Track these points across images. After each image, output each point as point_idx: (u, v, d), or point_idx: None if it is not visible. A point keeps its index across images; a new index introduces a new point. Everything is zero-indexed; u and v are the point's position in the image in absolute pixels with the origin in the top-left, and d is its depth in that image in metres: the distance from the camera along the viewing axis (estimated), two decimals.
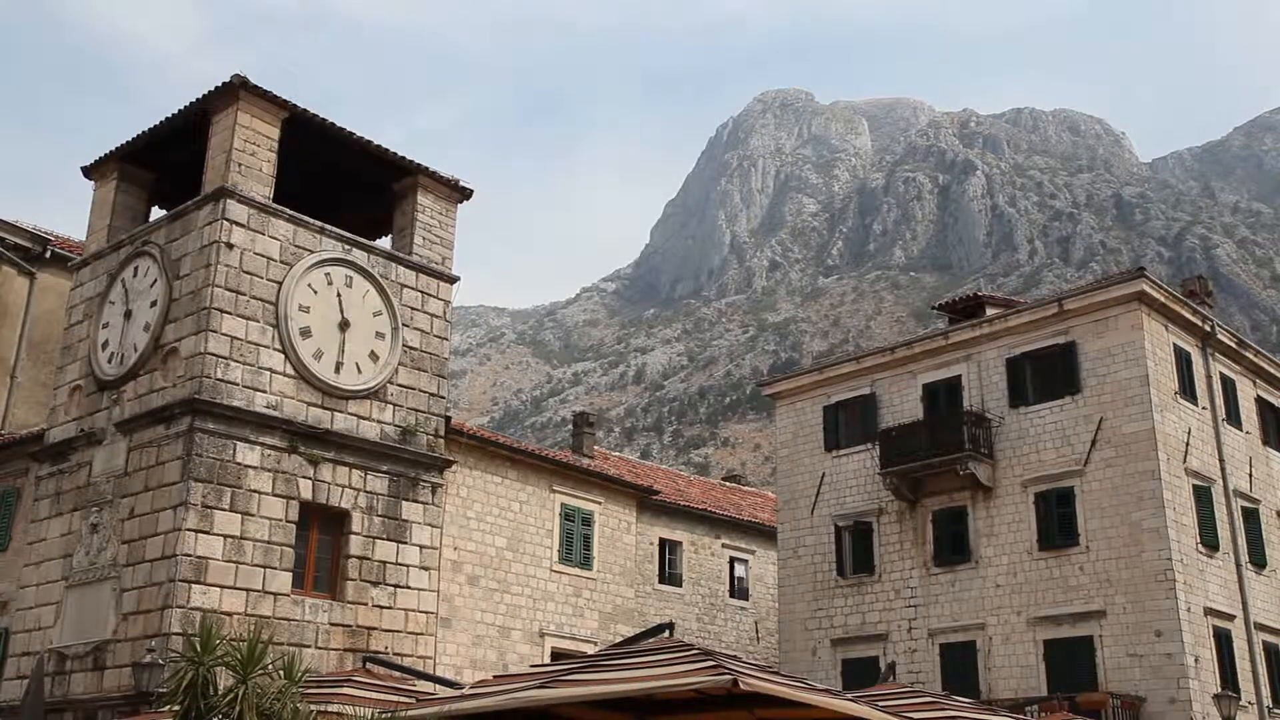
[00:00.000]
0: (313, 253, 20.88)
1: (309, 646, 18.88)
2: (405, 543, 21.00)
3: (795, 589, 28.27)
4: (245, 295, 19.68)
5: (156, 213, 23.13)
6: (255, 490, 18.99)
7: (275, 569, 18.92)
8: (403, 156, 22.72)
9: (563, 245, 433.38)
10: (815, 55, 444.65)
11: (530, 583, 24.85)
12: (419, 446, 21.69)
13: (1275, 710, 24.05)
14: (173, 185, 22.86)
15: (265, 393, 19.56)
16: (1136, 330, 23.99)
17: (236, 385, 19.20)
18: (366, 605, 20.08)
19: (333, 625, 19.52)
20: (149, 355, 19.97)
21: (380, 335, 21.62)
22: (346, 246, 21.54)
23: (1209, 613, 23.02)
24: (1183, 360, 25.10)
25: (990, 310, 27.42)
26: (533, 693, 7.95)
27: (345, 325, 21.05)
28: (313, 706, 10.77)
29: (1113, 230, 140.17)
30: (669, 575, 30.44)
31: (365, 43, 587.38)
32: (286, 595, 19.01)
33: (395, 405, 21.55)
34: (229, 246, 19.64)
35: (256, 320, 19.74)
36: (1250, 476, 26.37)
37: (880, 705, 9.62)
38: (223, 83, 20.38)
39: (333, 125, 21.47)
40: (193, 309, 19.48)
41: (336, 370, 20.68)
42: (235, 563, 18.45)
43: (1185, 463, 23.92)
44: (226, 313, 19.33)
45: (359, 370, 21.07)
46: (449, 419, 22.88)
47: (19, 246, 26.85)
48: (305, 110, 21.08)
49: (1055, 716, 20.57)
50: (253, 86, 20.30)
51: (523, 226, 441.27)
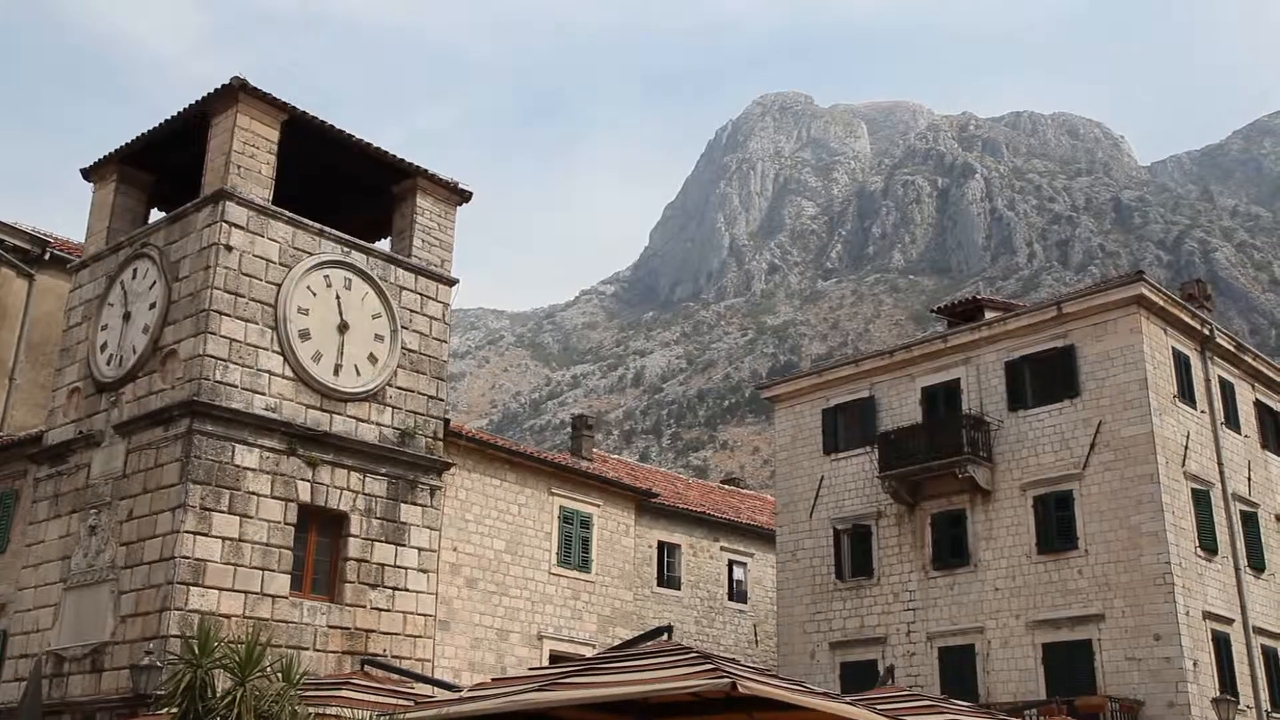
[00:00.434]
0: (312, 255, 20.88)
1: (307, 649, 18.86)
2: (404, 545, 20.98)
3: (794, 592, 28.26)
4: (244, 297, 19.68)
5: (156, 215, 23.14)
6: (254, 492, 18.98)
7: (273, 571, 18.91)
8: (402, 159, 22.73)
9: (562, 247, 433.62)
10: (814, 58, 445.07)
11: (529, 585, 24.84)
12: (418, 449, 21.69)
13: (1274, 714, 24.04)
14: (172, 187, 22.86)
15: (264, 395, 19.56)
16: (1135, 334, 24.00)
17: (235, 387, 19.19)
18: (365, 608, 20.07)
19: (331, 628, 19.51)
20: (148, 357, 19.96)
21: (379, 337, 21.62)
22: (346, 249, 21.54)
23: (1208, 616, 23.02)
24: (1181, 364, 25.11)
25: (989, 313, 27.43)
26: (531, 696, 7.95)
27: (344, 327, 21.04)
28: (311, 709, 10.78)
29: (1111, 234, 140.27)
30: (667, 578, 30.43)
31: (365, 43, 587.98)
32: (285, 597, 18.99)
33: (394, 408, 21.55)
34: (228, 249, 19.64)
35: (255, 322, 19.74)
36: (1249, 480, 26.38)
37: (879, 709, 9.62)
38: (222, 85, 20.38)
39: (332, 127, 21.47)
40: (192, 311, 19.47)
41: (335, 372, 20.67)
42: (233, 565, 18.44)
43: (1184, 466, 23.93)
44: (225, 315, 19.33)
45: (358, 372, 21.06)
46: (448, 421, 22.87)
47: (18, 248, 26.84)
48: (304, 112, 21.08)
49: None
50: (252, 88, 20.30)
51: (522, 228, 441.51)
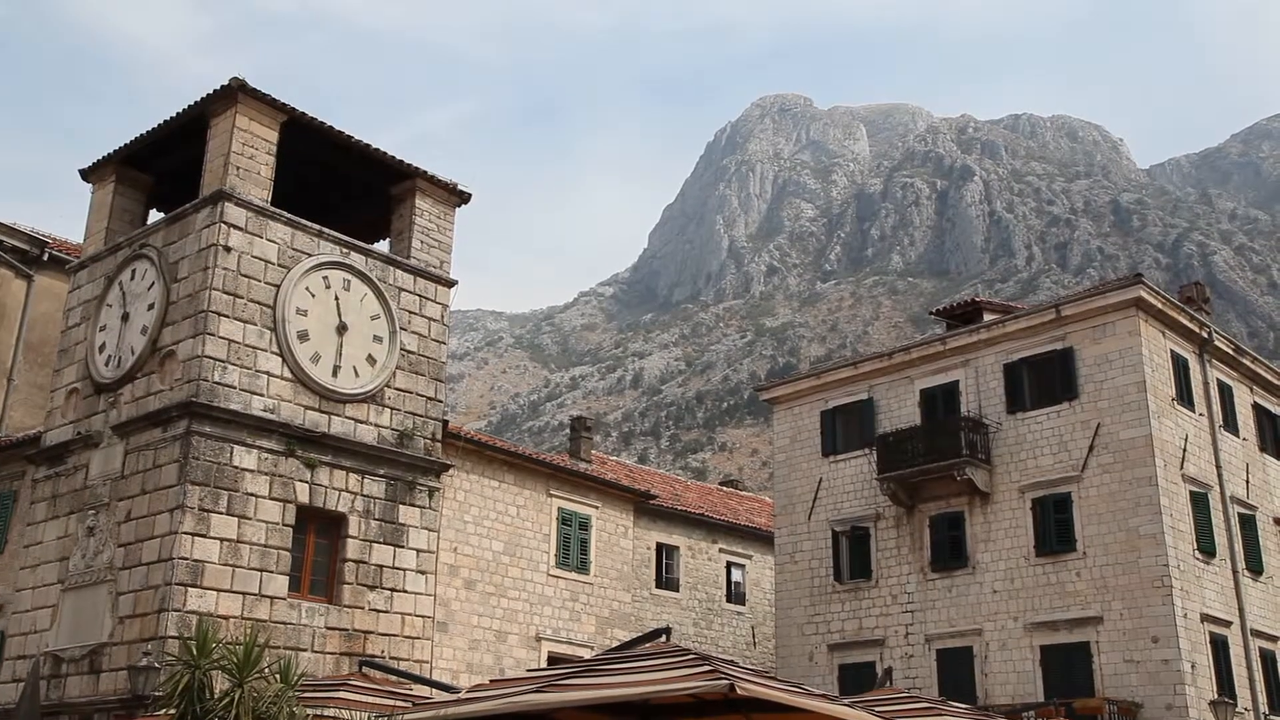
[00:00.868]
0: (310, 256, 20.88)
1: (305, 650, 18.86)
2: (402, 546, 20.98)
3: (792, 594, 28.26)
4: (243, 298, 19.68)
5: (154, 216, 23.15)
6: (252, 493, 18.98)
7: (272, 572, 18.91)
8: (401, 160, 22.73)
9: (560, 249, 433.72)
10: (813, 60, 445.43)
11: (527, 587, 24.83)
12: (416, 450, 21.69)
13: (1271, 716, 24.05)
14: (171, 188, 22.87)
15: (262, 396, 19.55)
16: (1134, 336, 24.02)
17: (234, 388, 19.19)
18: (363, 609, 20.07)
19: (329, 629, 19.50)
20: (146, 358, 19.96)
21: (378, 339, 21.62)
22: (344, 250, 21.54)
23: (1206, 619, 23.03)
24: (1180, 367, 25.12)
25: (988, 316, 27.43)
26: (529, 697, 7.95)
27: (343, 329, 21.05)
28: (309, 710, 10.79)
29: (1110, 237, 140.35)
30: (666, 580, 30.43)
31: (365, 46, 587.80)
32: (283, 599, 18.99)
33: (392, 409, 21.55)
34: (226, 249, 19.64)
35: (254, 323, 19.74)
36: (1247, 483, 26.39)
37: (877, 711, 9.63)
38: (221, 86, 20.38)
39: (331, 128, 21.48)
40: (190, 312, 19.47)
41: (334, 373, 20.67)
42: (232, 566, 18.44)
43: (1182, 469, 23.94)
44: (224, 316, 19.33)
45: (356, 374, 21.07)
46: (446, 423, 22.87)
47: (16, 249, 26.83)
48: (304, 113, 21.09)
49: None
50: (251, 89, 20.31)
51: (521, 230, 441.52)
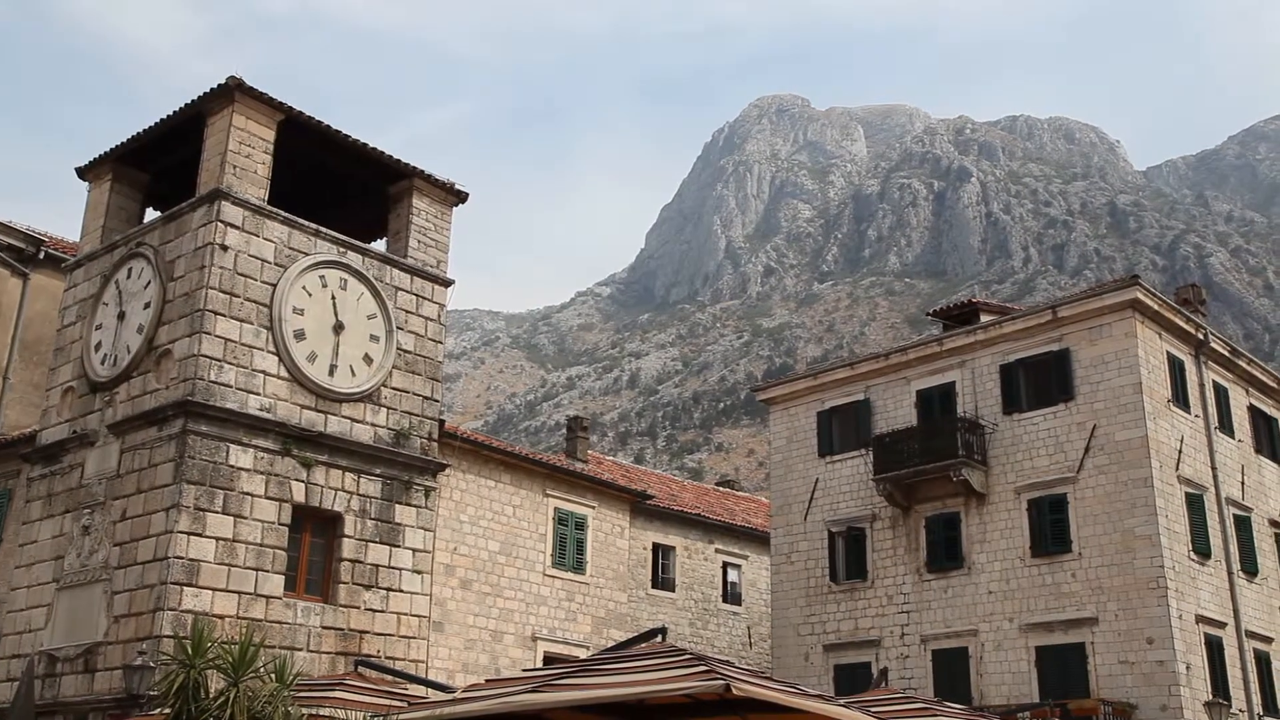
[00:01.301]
0: (307, 255, 20.87)
1: (301, 650, 18.85)
2: (398, 546, 20.97)
3: (788, 594, 28.27)
4: (239, 297, 19.66)
5: (151, 214, 23.12)
6: (248, 493, 18.96)
7: (267, 572, 18.89)
8: (398, 159, 22.72)
9: (558, 249, 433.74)
10: (812, 61, 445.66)
11: (523, 587, 24.83)
12: (412, 450, 21.67)
13: (1265, 717, 24.09)
14: (167, 187, 22.85)
15: (259, 395, 19.54)
16: (1130, 338, 24.04)
17: (230, 387, 19.17)
18: (359, 609, 20.06)
19: (325, 629, 19.49)
20: (142, 357, 19.94)
21: (374, 338, 21.61)
22: (341, 249, 21.53)
23: (1200, 620, 23.06)
24: (1176, 368, 25.15)
25: (984, 317, 27.45)
26: (525, 697, 7.94)
27: (339, 328, 21.04)
28: (304, 710, 10.78)
29: (1107, 238, 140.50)
30: (662, 580, 30.43)
31: (364, 47, 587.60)
32: (279, 598, 18.97)
33: (389, 408, 21.54)
34: (223, 248, 19.62)
35: (250, 322, 19.72)
36: (1242, 484, 26.42)
37: (872, 711, 9.63)
38: (218, 84, 20.37)
39: (328, 127, 21.47)
40: (186, 311, 19.45)
41: (330, 373, 20.66)
42: (227, 565, 18.42)
43: (1178, 470, 23.97)
44: (220, 315, 19.31)
45: (353, 373, 21.06)
46: (443, 422, 22.87)
47: (12, 247, 26.78)
48: (301, 112, 21.08)
49: None
50: (248, 88, 20.30)
51: (518, 230, 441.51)
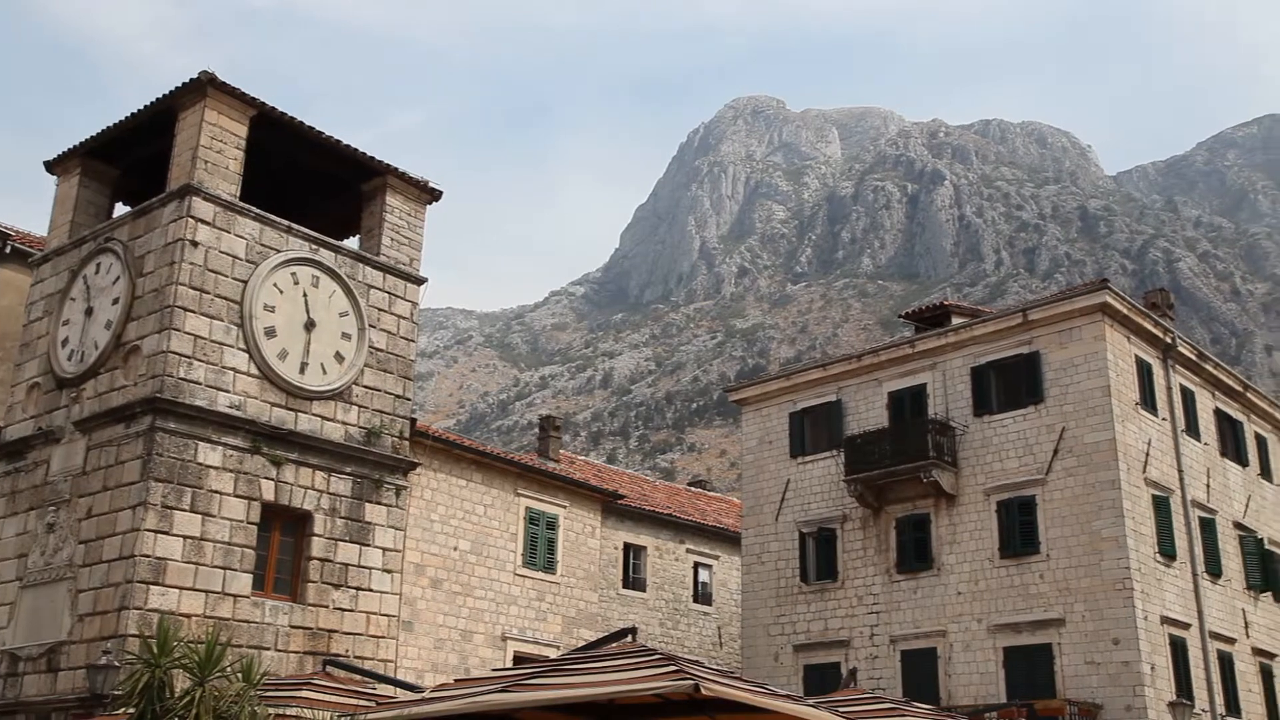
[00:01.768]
0: (279, 252, 20.74)
1: (268, 649, 18.73)
2: (368, 545, 20.87)
3: (759, 595, 28.35)
4: (209, 294, 19.51)
5: (120, 209, 22.90)
6: (216, 491, 18.82)
7: (235, 570, 18.76)
8: (371, 156, 22.62)
9: (533, 249, 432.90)
10: (788, 63, 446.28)
11: (493, 586, 24.78)
12: (383, 448, 21.58)
13: (1227, 718, 24.36)
14: (137, 182, 22.65)
15: (228, 392, 19.39)
16: (1099, 341, 24.26)
17: (199, 385, 19.02)
18: (327, 608, 19.94)
19: (293, 628, 19.37)
20: (110, 353, 19.75)
21: (346, 336, 21.50)
22: (313, 246, 21.41)
23: (1165, 621, 23.29)
24: (1144, 371, 25.40)
25: (956, 319, 27.62)
26: (494, 697, 7.92)
27: (311, 325, 20.91)
28: (271, 709, 10.70)
29: (1077, 242, 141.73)
30: (633, 580, 30.44)
31: (344, 44, 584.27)
32: (246, 597, 18.84)
33: (360, 406, 21.43)
34: (194, 244, 19.47)
35: (221, 319, 19.57)
36: (1208, 487, 26.71)
37: (840, 711, 9.67)
38: (190, 79, 20.20)
39: (301, 124, 21.34)
40: (155, 307, 19.28)
41: (301, 370, 20.54)
42: (195, 564, 18.27)
43: (1145, 473, 24.20)
44: (190, 311, 19.16)
45: (324, 371, 20.94)
46: (414, 421, 22.78)
47: None
48: (274, 108, 20.94)
49: None
50: (220, 83, 20.14)
51: (493, 229, 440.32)
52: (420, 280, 23.33)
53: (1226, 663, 25.06)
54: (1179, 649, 23.47)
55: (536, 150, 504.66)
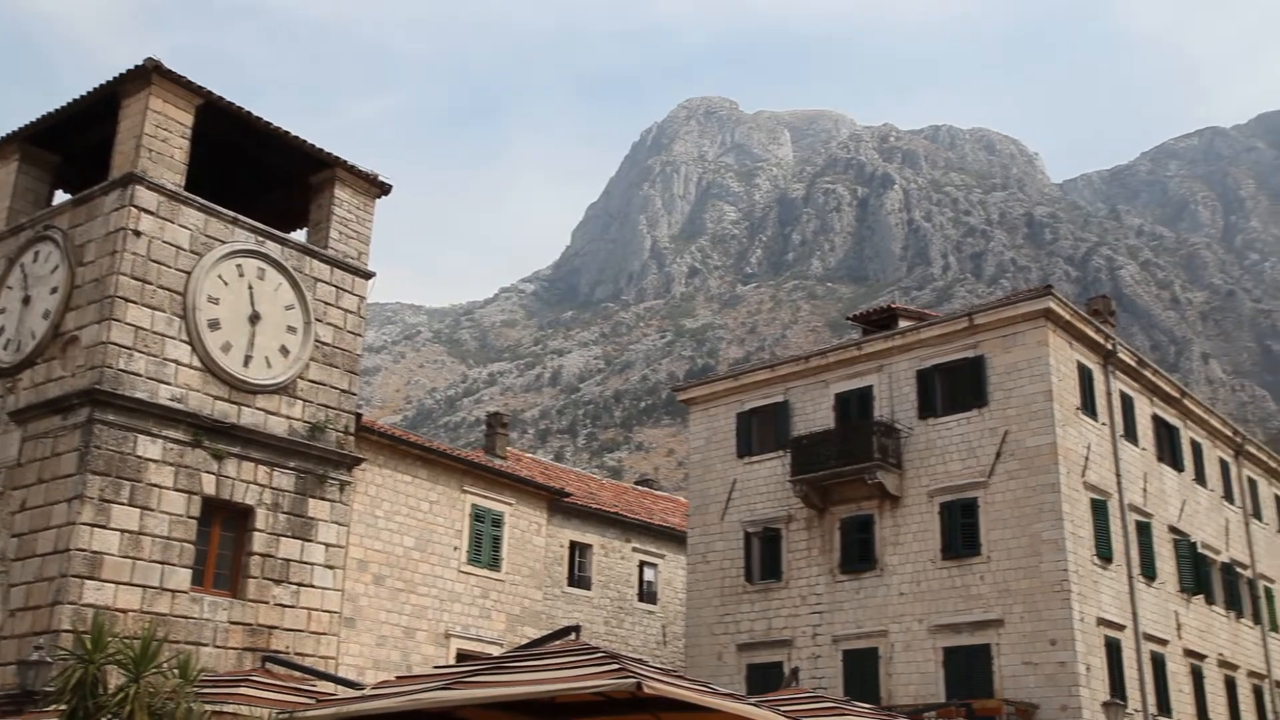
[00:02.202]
0: (224, 243, 20.46)
1: (207, 645, 18.48)
2: (311, 541, 20.65)
3: (703, 594, 28.43)
4: (152, 285, 19.19)
5: (60, 197, 22.45)
6: (156, 485, 18.52)
7: (174, 565, 18.48)
8: (320, 149, 22.38)
9: (484, 245, 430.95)
10: (743, 64, 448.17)
11: (437, 583, 24.64)
12: (328, 443, 21.36)
13: (1159, 717, 24.84)
14: (79, 169, 22.22)
15: (170, 385, 19.09)
16: (1042, 346, 24.61)
17: (140, 376, 18.71)
18: (268, 604, 19.71)
19: (232, 624, 19.12)
20: (48, 343, 19.36)
21: (292, 329, 21.26)
22: (260, 238, 21.14)
23: (1101, 622, 23.70)
24: (1085, 377, 25.81)
25: (903, 322, 27.89)
26: (435, 694, 7.87)
27: (256, 318, 20.65)
28: (207, 706, 10.56)
29: (1023, 248, 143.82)
30: (578, 578, 30.41)
31: (298, 35, 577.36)
32: (185, 592, 18.57)
33: (305, 401, 21.20)
34: (136, 234, 19.14)
35: (163, 310, 19.27)
36: (1145, 491, 27.21)
37: (782, 710, 9.72)
38: (135, 66, 19.86)
39: (249, 114, 21.06)
40: (96, 297, 18.94)
41: (245, 364, 20.27)
42: (132, 559, 17.97)
43: (1084, 477, 24.60)
44: (131, 302, 18.84)
45: (269, 364, 20.69)
46: (360, 416, 22.58)
47: None
48: (221, 97, 20.64)
49: None
50: (166, 71, 19.82)
51: (443, 225, 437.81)
52: (368, 274, 23.13)
53: (1159, 663, 25.56)
54: (1114, 650, 23.90)
55: (489, 146, 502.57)
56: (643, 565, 32.49)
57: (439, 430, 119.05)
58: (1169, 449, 29.11)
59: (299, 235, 22.95)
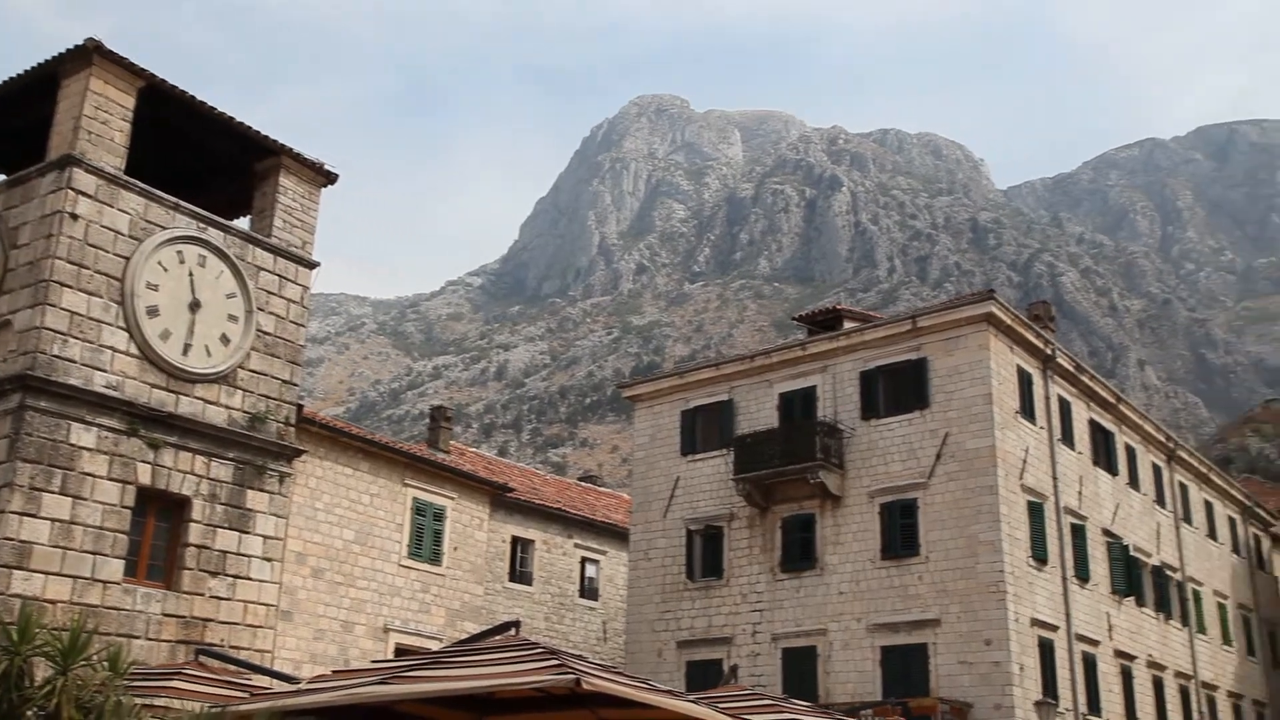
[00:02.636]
0: (165, 229, 20.07)
1: (139, 638, 18.14)
2: (248, 533, 20.35)
3: (644, 591, 28.48)
4: (89, 269, 18.78)
5: None
6: (89, 473, 18.13)
7: (106, 556, 18.10)
8: (265, 135, 22.04)
9: (431, 237, 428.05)
10: (693, 63, 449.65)
11: (377, 577, 24.42)
12: (268, 434, 21.07)
13: (1089, 717, 25.31)
14: (13, 150, 21.68)
15: (105, 372, 18.71)
16: (983, 350, 24.94)
17: (74, 363, 18.31)
18: (203, 596, 19.40)
19: (166, 616, 18.79)
20: None
21: (233, 318, 20.92)
22: (201, 225, 20.78)
23: (1035, 623, 24.09)
24: (1024, 381, 26.20)
25: (848, 324, 28.13)
26: (372, 689, 7.81)
27: (196, 306, 20.30)
28: (138, 700, 10.37)
29: (967, 253, 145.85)
30: (520, 573, 30.32)
31: (245, 19, 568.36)
32: (117, 584, 18.20)
33: (245, 391, 20.89)
34: (73, 217, 18.72)
35: (100, 296, 18.87)
36: (1080, 495, 27.70)
37: (720, 707, 9.76)
38: (75, 45, 19.41)
39: (192, 98, 20.68)
40: (30, 281, 18.49)
41: (184, 352, 19.92)
42: (62, 549, 17.58)
43: (1021, 479, 24.98)
44: (67, 286, 18.42)
45: (208, 353, 20.35)
46: (301, 407, 22.30)
47: None
48: (164, 80, 20.25)
49: None
50: (107, 51, 19.40)
51: (390, 216, 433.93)
52: (312, 264, 22.83)
53: (1090, 664, 26.04)
54: (1047, 650, 24.30)
55: (438, 138, 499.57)
56: (584, 561, 32.47)
57: (382, 423, 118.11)
58: (1104, 453, 29.65)
59: (242, 223, 22.58)
